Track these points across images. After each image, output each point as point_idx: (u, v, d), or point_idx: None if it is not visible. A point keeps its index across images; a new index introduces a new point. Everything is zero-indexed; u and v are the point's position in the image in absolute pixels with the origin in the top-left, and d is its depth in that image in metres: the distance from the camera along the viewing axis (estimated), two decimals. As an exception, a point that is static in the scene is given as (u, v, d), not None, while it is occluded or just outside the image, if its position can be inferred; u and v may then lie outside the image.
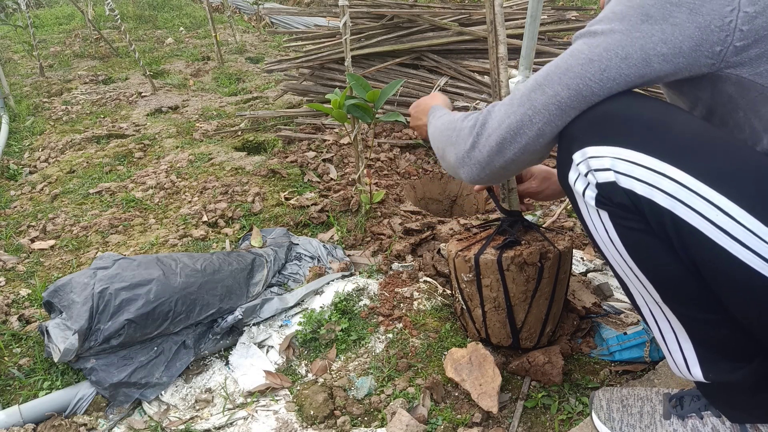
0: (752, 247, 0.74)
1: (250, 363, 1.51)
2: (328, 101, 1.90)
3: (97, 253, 2.10)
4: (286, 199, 2.37)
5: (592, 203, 0.87)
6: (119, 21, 4.52)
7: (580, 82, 0.87)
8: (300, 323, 1.60)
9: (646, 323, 0.99)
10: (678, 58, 0.83)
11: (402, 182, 2.55)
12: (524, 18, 2.47)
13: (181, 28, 7.21)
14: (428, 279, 1.78)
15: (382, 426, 1.28)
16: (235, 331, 1.61)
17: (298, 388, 1.42)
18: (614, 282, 1.72)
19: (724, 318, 0.85)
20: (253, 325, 1.62)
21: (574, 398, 1.32)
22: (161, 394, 1.44)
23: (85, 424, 1.34)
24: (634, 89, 0.88)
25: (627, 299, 1.00)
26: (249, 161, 2.78)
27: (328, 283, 1.79)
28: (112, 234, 2.25)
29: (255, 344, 1.58)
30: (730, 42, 0.79)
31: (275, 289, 1.79)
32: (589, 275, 1.77)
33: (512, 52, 2.85)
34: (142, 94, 4.42)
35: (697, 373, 0.94)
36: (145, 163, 2.99)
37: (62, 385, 1.47)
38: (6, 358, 1.57)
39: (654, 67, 0.84)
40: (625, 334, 1.42)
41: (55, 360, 1.38)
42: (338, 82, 3.26)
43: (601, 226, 0.89)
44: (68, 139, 3.42)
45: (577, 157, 0.88)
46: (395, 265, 1.89)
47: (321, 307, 1.67)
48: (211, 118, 3.73)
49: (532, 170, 1.44)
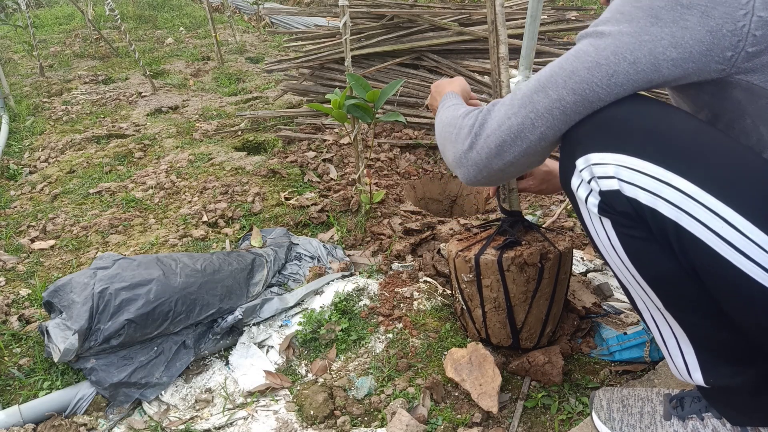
0: (754, 257, 0.73)
1: (250, 363, 1.51)
2: (328, 101, 1.90)
3: (97, 253, 2.10)
4: (286, 199, 2.37)
5: (595, 210, 0.86)
6: (119, 21, 4.52)
7: (586, 87, 0.84)
8: (300, 323, 1.60)
9: (648, 328, 0.99)
10: (687, 63, 0.80)
11: (402, 182, 2.55)
12: (524, 18, 2.46)
13: (181, 28, 7.21)
14: (428, 279, 1.78)
15: (382, 426, 1.28)
16: (235, 331, 1.61)
17: (298, 388, 1.42)
18: (614, 282, 1.72)
19: (724, 323, 0.85)
20: (253, 325, 1.62)
21: (574, 398, 1.32)
22: (161, 394, 1.44)
23: (85, 424, 1.34)
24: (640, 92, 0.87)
25: (627, 299, 1.00)
26: (249, 161, 2.78)
27: (328, 283, 1.79)
28: (112, 234, 2.25)
29: (255, 344, 1.58)
30: (742, 47, 0.77)
31: (275, 289, 1.79)
32: (589, 275, 1.77)
33: (512, 52, 2.85)
34: (142, 94, 4.41)
35: (698, 378, 0.94)
36: (145, 163, 2.99)
37: (62, 385, 1.47)
38: (6, 358, 1.57)
39: (663, 72, 0.81)
40: (625, 334, 1.42)
41: (55, 360, 1.38)
42: (338, 82, 3.26)
43: (603, 233, 0.88)
44: (68, 139, 3.42)
45: (580, 163, 0.86)
46: (395, 265, 1.89)
47: (321, 307, 1.67)
48: (211, 118, 3.73)
49: (532, 170, 1.43)
